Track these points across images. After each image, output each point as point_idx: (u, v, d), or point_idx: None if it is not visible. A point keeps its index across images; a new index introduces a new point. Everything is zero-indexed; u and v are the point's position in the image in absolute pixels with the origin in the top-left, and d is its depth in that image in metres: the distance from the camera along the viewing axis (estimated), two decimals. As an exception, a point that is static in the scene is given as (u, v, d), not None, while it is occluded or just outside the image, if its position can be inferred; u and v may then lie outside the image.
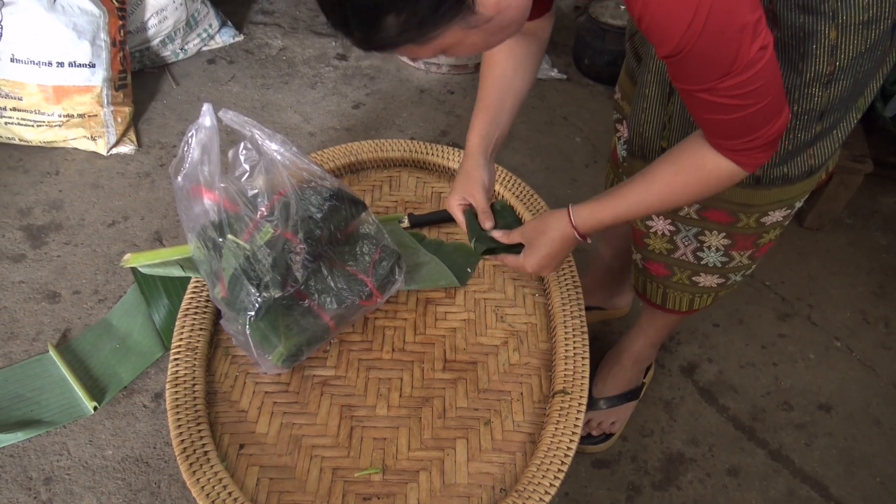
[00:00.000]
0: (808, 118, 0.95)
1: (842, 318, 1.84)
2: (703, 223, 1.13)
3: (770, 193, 1.04)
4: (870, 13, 0.86)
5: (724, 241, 1.14)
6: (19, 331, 1.64)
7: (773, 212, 1.08)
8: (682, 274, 1.24)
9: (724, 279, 1.23)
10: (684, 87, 0.76)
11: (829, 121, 0.96)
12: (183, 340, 1.09)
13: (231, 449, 0.99)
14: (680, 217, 1.14)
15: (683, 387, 1.66)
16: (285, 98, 2.42)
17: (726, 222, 1.11)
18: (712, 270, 1.21)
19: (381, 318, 1.18)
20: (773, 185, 1.03)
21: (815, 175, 1.04)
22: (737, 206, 1.07)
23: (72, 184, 2.02)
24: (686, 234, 1.17)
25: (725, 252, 1.16)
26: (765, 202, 1.06)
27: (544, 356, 1.15)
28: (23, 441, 1.44)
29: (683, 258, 1.21)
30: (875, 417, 1.62)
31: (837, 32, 0.87)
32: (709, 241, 1.15)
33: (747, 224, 1.10)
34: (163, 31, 2.40)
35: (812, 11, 0.86)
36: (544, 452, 0.98)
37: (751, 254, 1.17)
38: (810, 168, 1.01)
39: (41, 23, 1.95)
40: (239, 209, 0.99)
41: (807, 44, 0.88)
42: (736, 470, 1.51)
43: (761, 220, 1.09)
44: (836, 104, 0.94)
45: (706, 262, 1.19)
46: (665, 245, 1.21)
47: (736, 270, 1.21)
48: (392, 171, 1.45)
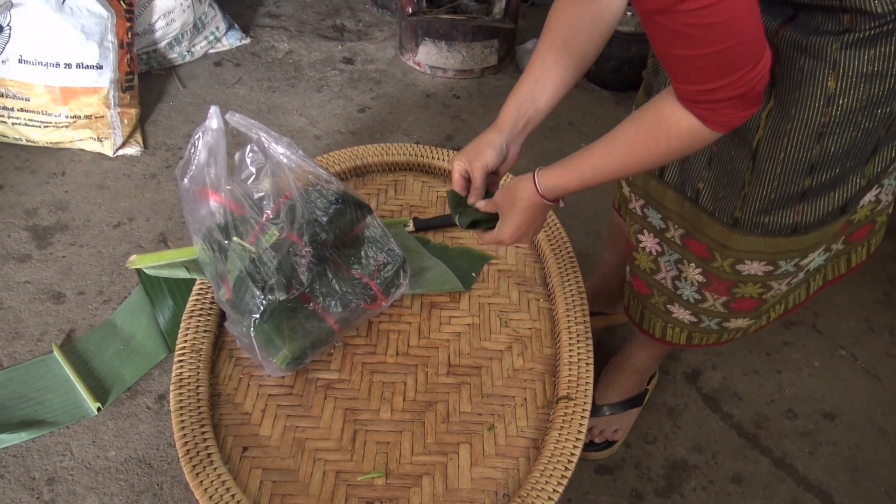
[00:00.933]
0: (796, 168, 0.90)
1: (847, 327, 1.83)
2: (684, 251, 1.11)
3: (747, 240, 1.00)
4: (875, 67, 0.80)
5: (700, 277, 1.11)
6: (24, 331, 1.64)
7: (751, 262, 1.03)
8: (660, 298, 1.22)
9: (696, 318, 1.19)
10: (641, 8, 0.66)
11: (822, 178, 0.91)
12: (187, 342, 1.09)
13: (234, 451, 0.99)
14: (666, 238, 1.13)
15: (687, 393, 1.65)
16: (291, 101, 2.42)
17: (702, 257, 1.08)
18: (686, 304, 1.18)
19: (386, 321, 1.18)
20: (752, 232, 0.99)
21: (804, 236, 0.98)
22: (714, 242, 1.04)
23: (78, 185, 2.03)
24: (669, 259, 1.15)
25: (699, 289, 1.13)
26: (741, 248, 1.02)
27: (548, 361, 1.14)
28: (26, 441, 1.44)
29: (663, 282, 1.19)
30: (880, 426, 1.61)
31: (836, 83, 0.82)
32: (686, 272, 1.13)
33: (722, 266, 1.06)
34: (170, 34, 2.41)
35: (813, 56, 0.81)
36: (548, 458, 0.98)
37: (725, 301, 1.12)
38: (795, 225, 0.96)
39: (49, 24, 1.96)
40: (244, 212, 1.00)
41: (803, 88, 0.84)
42: (739, 478, 1.50)
43: (736, 267, 1.05)
44: (829, 160, 0.89)
45: (681, 293, 1.17)
46: (650, 264, 1.20)
47: (709, 314, 1.17)
48: (397, 175, 1.45)
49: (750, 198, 0.96)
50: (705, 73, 0.70)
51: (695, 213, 1.05)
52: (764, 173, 0.93)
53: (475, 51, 2.53)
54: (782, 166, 0.90)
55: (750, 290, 1.09)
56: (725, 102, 0.72)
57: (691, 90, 0.73)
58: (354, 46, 2.73)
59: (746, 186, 0.95)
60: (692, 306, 1.17)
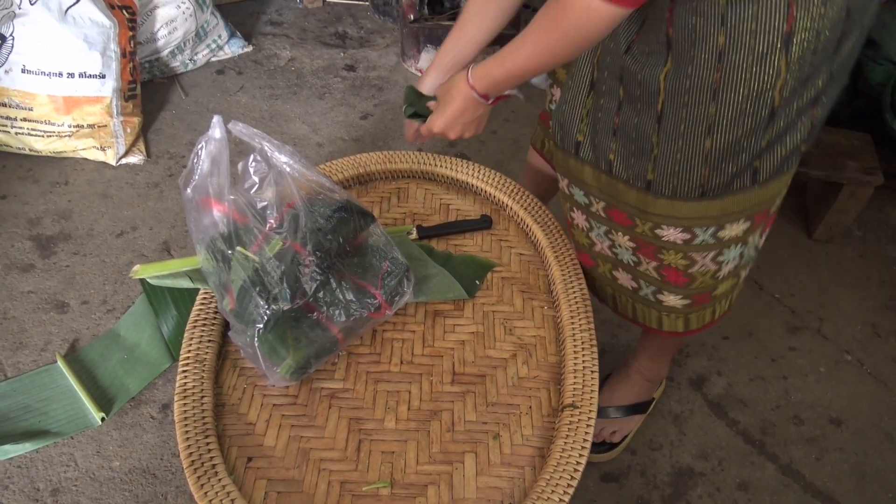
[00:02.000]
0: (697, 128, 0.94)
1: (852, 332, 1.82)
2: (609, 222, 1.15)
3: (660, 203, 1.03)
4: (757, 23, 0.84)
5: (630, 242, 1.14)
6: (28, 341, 1.64)
7: (667, 227, 1.06)
8: (605, 266, 1.24)
9: (636, 284, 1.21)
10: None
11: (721, 141, 0.94)
12: (191, 352, 1.09)
13: (239, 462, 0.99)
14: (591, 213, 1.17)
15: (692, 400, 1.65)
16: (293, 109, 2.43)
17: (626, 225, 1.12)
18: (626, 267, 1.20)
19: (390, 330, 1.17)
20: (663, 194, 1.02)
21: (713, 201, 1.01)
22: (633, 209, 1.08)
23: (81, 194, 2.03)
24: (598, 232, 1.19)
25: (634, 252, 1.15)
26: (657, 211, 1.05)
27: (553, 369, 1.14)
28: (30, 452, 1.44)
29: (602, 251, 1.22)
30: (886, 432, 1.60)
31: (725, 38, 0.85)
32: (617, 239, 1.16)
33: (644, 231, 1.09)
34: (172, 42, 2.41)
35: (702, 14, 0.85)
36: (553, 467, 0.97)
37: (656, 267, 1.15)
38: (702, 188, 0.99)
39: (52, 34, 1.97)
40: (248, 221, 0.99)
41: (696, 47, 0.88)
42: (746, 485, 1.49)
43: (656, 231, 1.08)
44: (726, 121, 0.92)
45: (621, 257, 1.19)
46: (585, 238, 1.23)
47: (645, 279, 1.19)
48: (400, 183, 1.45)
49: (660, 159, 0.99)
50: None
51: (611, 185, 1.08)
52: (669, 134, 0.97)
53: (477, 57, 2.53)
54: (685, 124, 0.94)
55: (674, 259, 1.11)
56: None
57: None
58: (356, 53, 2.73)
59: (655, 149, 0.99)
60: (631, 269, 1.20)
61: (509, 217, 1.38)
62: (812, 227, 2.07)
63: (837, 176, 1.92)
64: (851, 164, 1.94)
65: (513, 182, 1.40)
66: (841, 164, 1.94)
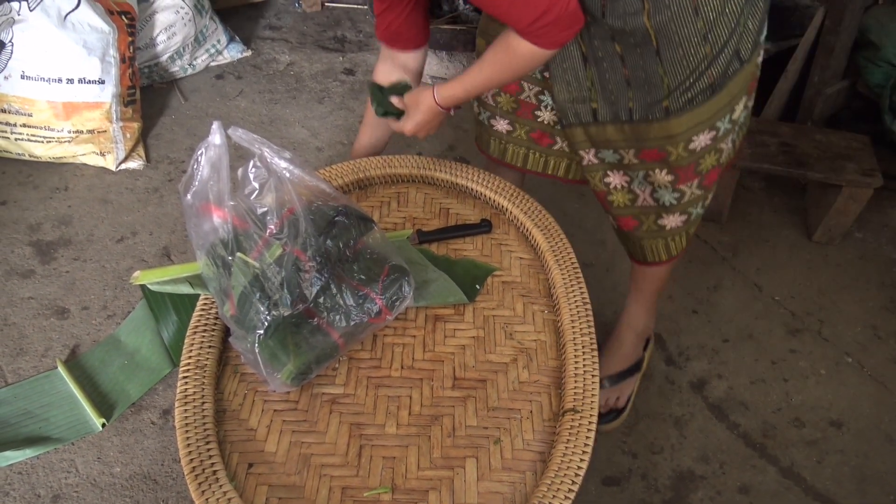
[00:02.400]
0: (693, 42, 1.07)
1: (853, 334, 1.82)
2: (644, 164, 1.25)
3: (683, 120, 1.16)
4: None
5: (668, 176, 1.25)
6: (28, 347, 1.64)
7: (697, 136, 1.19)
8: (649, 220, 1.35)
9: (686, 215, 1.32)
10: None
11: (717, 41, 1.09)
12: (192, 358, 1.09)
13: (240, 468, 0.99)
14: (625, 165, 1.28)
15: (693, 403, 1.65)
16: (293, 113, 2.43)
17: (661, 158, 1.22)
18: (672, 209, 1.31)
19: (390, 335, 1.17)
20: (683, 110, 1.15)
21: (721, 93, 1.15)
22: (662, 140, 1.19)
23: (81, 199, 2.03)
24: (638, 179, 1.29)
25: (674, 187, 1.26)
26: (683, 129, 1.17)
27: (554, 374, 1.14)
28: (31, 458, 1.44)
29: (645, 203, 1.32)
30: (887, 434, 1.60)
31: None
32: (656, 179, 1.26)
33: (679, 155, 1.21)
34: (171, 47, 2.41)
35: None
36: (554, 472, 0.97)
37: (698, 182, 1.26)
38: (711, 87, 1.13)
39: (51, 40, 1.97)
40: (248, 227, 0.99)
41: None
42: (747, 488, 1.49)
43: (689, 147, 1.20)
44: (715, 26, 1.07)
45: (664, 201, 1.29)
46: (626, 196, 1.33)
47: (693, 203, 1.30)
48: (400, 187, 1.45)
49: (672, 86, 1.12)
50: (525, 11, 1.00)
51: (635, 130, 1.21)
52: (672, 61, 1.10)
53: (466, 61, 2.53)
54: (682, 47, 1.08)
55: (710, 161, 1.24)
56: (548, 27, 1.02)
57: (521, 26, 1.03)
58: (355, 57, 2.73)
59: (665, 77, 1.12)
60: (678, 207, 1.30)
61: (509, 221, 1.39)
62: (811, 229, 2.07)
63: (836, 178, 1.92)
64: (850, 166, 1.94)
65: (512, 186, 1.41)
66: (840, 166, 1.95)
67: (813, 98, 2.23)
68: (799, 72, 2.23)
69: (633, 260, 1.49)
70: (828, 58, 2.14)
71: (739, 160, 1.96)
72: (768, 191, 2.21)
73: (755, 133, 2.07)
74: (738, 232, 2.09)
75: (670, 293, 1.89)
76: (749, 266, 1.98)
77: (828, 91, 2.22)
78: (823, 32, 2.12)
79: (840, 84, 2.25)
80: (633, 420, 1.60)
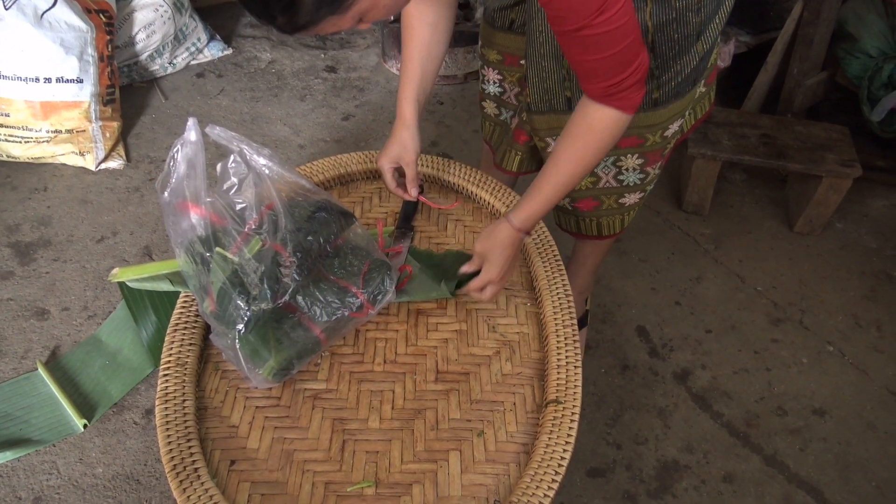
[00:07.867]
0: (687, 43, 1.10)
1: (834, 323, 1.84)
2: (617, 150, 1.26)
3: (667, 110, 1.18)
4: None
5: (638, 160, 1.27)
6: (7, 349, 1.63)
7: (672, 124, 1.22)
8: (609, 199, 1.37)
9: (643, 192, 1.37)
10: (564, 29, 0.86)
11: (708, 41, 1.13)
12: (172, 356, 1.08)
13: (222, 465, 0.98)
14: None
15: (677, 394, 1.65)
16: (275, 111, 2.42)
17: (636, 144, 1.24)
18: (634, 189, 1.34)
19: (373, 330, 1.17)
20: (670, 101, 1.17)
21: (700, 83, 1.21)
22: (641, 128, 1.21)
23: (60, 200, 2.01)
24: (604, 164, 1.29)
25: (641, 169, 1.29)
26: (664, 118, 1.20)
27: (537, 366, 1.14)
28: (12, 460, 1.42)
29: (607, 185, 1.33)
30: (869, 421, 1.62)
31: None
32: (625, 163, 1.28)
33: (654, 141, 1.24)
34: (151, 46, 2.39)
35: None
36: (538, 463, 0.97)
37: (660, 164, 1.32)
38: (694, 79, 1.18)
39: (28, 39, 1.95)
40: (226, 223, 0.99)
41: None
42: (731, 476, 1.50)
43: (664, 134, 1.23)
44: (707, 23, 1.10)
45: (627, 181, 1.32)
46: (588, 180, 1.33)
47: (652, 182, 1.36)
48: (381, 183, 1.45)
49: (663, 79, 1.14)
50: (614, 68, 0.90)
51: None
52: (666, 56, 1.10)
53: (458, 57, 2.53)
54: (679, 45, 1.09)
55: (672, 144, 1.29)
56: (630, 89, 0.92)
57: (602, 87, 0.92)
58: (337, 55, 2.73)
59: (656, 71, 1.12)
60: (640, 186, 1.34)
61: (491, 214, 1.38)
62: (792, 220, 2.09)
63: (816, 169, 1.94)
64: (830, 157, 1.96)
65: (495, 181, 1.40)
66: (820, 157, 1.96)
67: (793, 90, 2.25)
68: (778, 64, 2.25)
69: (582, 237, 1.49)
70: (807, 50, 2.16)
71: (719, 152, 1.98)
72: (749, 183, 2.23)
73: (736, 125, 2.08)
74: (720, 224, 2.10)
75: (653, 285, 1.90)
76: (731, 257, 2.00)
77: (807, 83, 2.23)
78: (802, 25, 2.14)
79: (819, 76, 2.27)
80: (618, 411, 1.60)
